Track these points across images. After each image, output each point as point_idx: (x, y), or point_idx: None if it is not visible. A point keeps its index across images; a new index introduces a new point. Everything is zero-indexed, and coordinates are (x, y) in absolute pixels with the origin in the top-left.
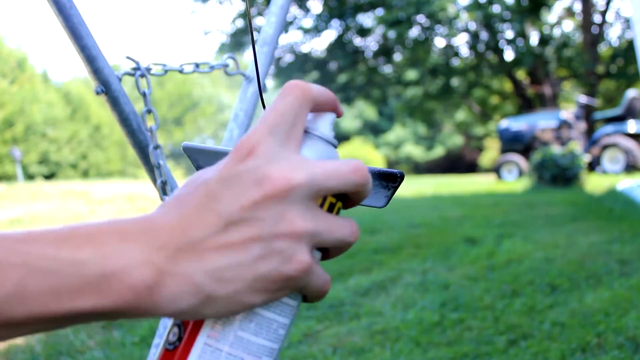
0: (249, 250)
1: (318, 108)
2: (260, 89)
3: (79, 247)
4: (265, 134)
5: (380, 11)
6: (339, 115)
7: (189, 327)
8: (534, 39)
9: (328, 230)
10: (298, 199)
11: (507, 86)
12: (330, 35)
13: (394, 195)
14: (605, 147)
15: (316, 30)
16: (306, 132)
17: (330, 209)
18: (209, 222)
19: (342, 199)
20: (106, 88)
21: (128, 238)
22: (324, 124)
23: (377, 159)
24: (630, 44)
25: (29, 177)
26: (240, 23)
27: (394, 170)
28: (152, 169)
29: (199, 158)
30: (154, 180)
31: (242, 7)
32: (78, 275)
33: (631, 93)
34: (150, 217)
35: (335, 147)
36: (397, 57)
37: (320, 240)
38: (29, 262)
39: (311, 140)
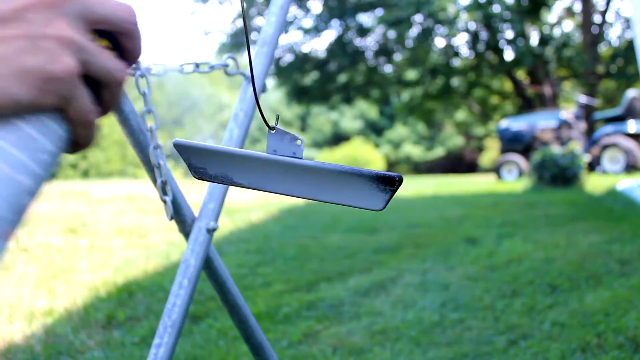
0: (14, 44)
1: None
2: (255, 88)
3: None
4: None
5: (380, 11)
6: None
7: None
8: (534, 39)
9: (97, 54)
10: (69, 13)
11: (507, 86)
12: (330, 35)
13: (394, 195)
14: (605, 147)
15: (316, 30)
16: None
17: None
18: None
19: (114, 47)
20: None
21: None
22: None
23: (377, 159)
24: (630, 44)
25: None
26: (240, 23)
27: (392, 174)
28: (152, 169)
29: (189, 155)
30: (154, 180)
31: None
32: None
33: (631, 93)
34: None
35: None
36: (397, 57)
37: (88, 61)
38: None
39: None
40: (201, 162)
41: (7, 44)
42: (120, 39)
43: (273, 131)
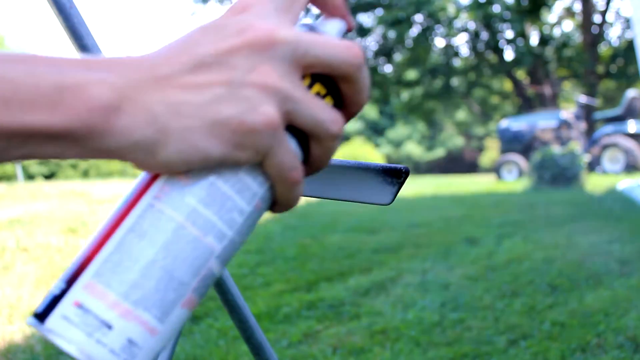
0: (213, 91)
1: (326, 7)
2: None
3: (38, 63)
4: None
5: (380, 11)
6: (349, 26)
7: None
8: (534, 39)
9: (305, 103)
10: (278, 57)
11: (507, 86)
12: None
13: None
14: (605, 147)
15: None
16: (310, 28)
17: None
18: (180, 60)
19: (332, 93)
20: None
21: (91, 65)
22: (330, 28)
23: (377, 159)
24: (630, 44)
25: (29, 177)
26: None
27: (399, 166)
28: None
29: None
30: None
31: None
32: (33, 86)
33: (631, 93)
34: (123, 56)
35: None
36: (397, 57)
37: (294, 110)
38: None
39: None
40: None
41: (204, 91)
42: (339, 84)
43: None
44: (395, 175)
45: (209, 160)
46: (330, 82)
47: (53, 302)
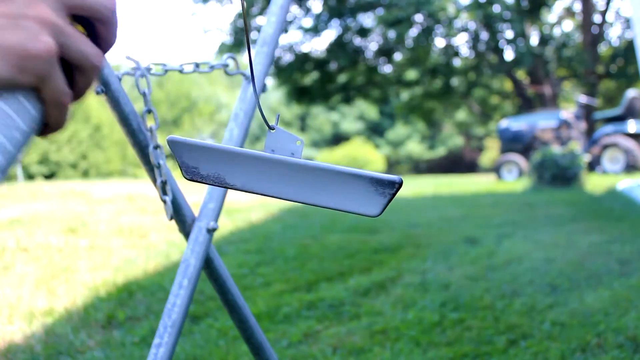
0: None
1: None
2: (255, 87)
3: None
4: None
5: (380, 11)
6: None
7: None
8: (534, 39)
9: (74, 38)
10: None
11: (507, 86)
12: (330, 35)
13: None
14: (605, 147)
15: (316, 30)
16: None
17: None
18: None
19: (90, 34)
20: (106, 88)
21: None
22: None
23: (377, 159)
24: (630, 44)
25: (29, 177)
26: (240, 23)
27: (393, 177)
28: (152, 169)
29: (183, 153)
30: (154, 180)
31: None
32: None
33: (631, 93)
34: None
35: None
36: (397, 57)
37: (65, 43)
38: None
39: None
40: (194, 161)
41: None
42: (96, 26)
43: (273, 131)
44: (387, 186)
45: None
46: (88, 24)
47: None
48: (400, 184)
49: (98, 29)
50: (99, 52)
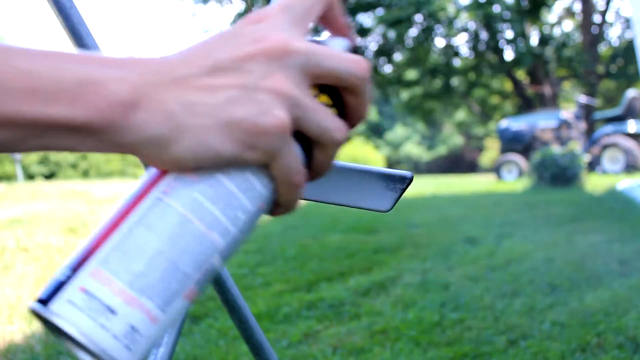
0: (227, 94)
1: (332, 23)
2: None
3: (61, 59)
4: (278, 10)
5: (380, 11)
6: (352, 44)
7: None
8: (534, 39)
9: (313, 110)
10: (291, 66)
11: (507, 86)
12: None
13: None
14: (605, 147)
15: (316, 30)
16: (320, 44)
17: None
18: (198, 63)
19: (336, 104)
20: None
21: (112, 63)
22: (337, 44)
23: (377, 159)
24: (630, 44)
25: (29, 177)
26: None
27: (403, 172)
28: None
29: None
30: None
31: (242, 7)
32: (55, 80)
33: (631, 93)
34: (143, 57)
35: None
36: (397, 57)
37: (303, 117)
38: (7, 62)
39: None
40: None
41: (219, 93)
42: (344, 95)
43: None
44: (398, 181)
45: (219, 159)
46: (335, 93)
47: (57, 288)
48: (410, 179)
49: (346, 100)
50: (342, 126)
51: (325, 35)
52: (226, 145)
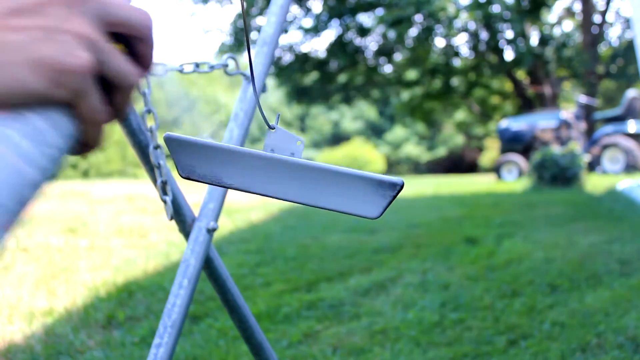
0: (31, 34)
1: None
2: (255, 87)
3: None
4: None
5: (380, 11)
6: None
7: None
8: (534, 39)
9: (112, 55)
10: (88, 12)
11: (507, 86)
12: (330, 35)
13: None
14: (605, 147)
15: (316, 30)
16: None
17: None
18: (1, 5)
19: (130, 54)
20: None
21: None
22: None
23: (377, 159)
24: (630, 44)
25: None
26: (240, 23)
27: (394, 179)
28: (152, 169)
29: (179, 151)
30: (154, 180)
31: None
32: None
33: (631, 93)
34: None
35: None
36: (397, 57)
37: (103, 60)
38: None
39: None
40: (191, 159)
41: (25, 33)
42: (134, 44)
43: (273, 130)
44: (389, 188)
45: (28, 96)
46: (126, 42)
47: None
48: (401, 186)
49: (137, 47)
50: (136, 70)
51: None
52: (34, 82)
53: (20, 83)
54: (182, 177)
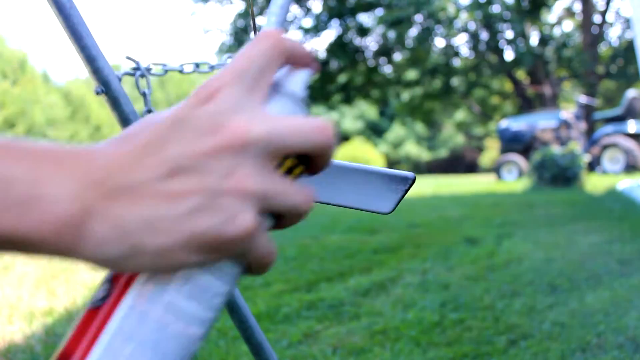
0: (189, 202)
1: (291, 61)
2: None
3: (12, 161)
4: (231, 78)
5: (380, 11)
6: (313, 71)
7: (118, 283)
8: (534, 39)
9: (280, 194)
10: (253, 155)
11: (507, 86)
12: (330, 35)
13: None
14: (605, 147)
15: (316, 30)
16: (275, 87)
17: (289, 172)
18: (153, 164)
19: (303, 162)
20: (106, 88)
21: (64, 164)
22: (296, 82)
23: (377, 159)
24: (630, 44)
25: None
26: (240, 23)
27: (405, 173)
28: None
29: None
30: None
31: (242, 7)
32: (4, 191)
33: (631, 93)
34: (93, 148)
35: (304, 106)
36: (397, 57)
37: (270, 205)
38: None
39: (280, 97)
40: None
41: (180, 201)
42: (313, 159)
43: None
44: (401, 182)
45: (187, 266)
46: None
47: None
48: (413, 180)
49: (314, 162)
50: (309, 195)
51: (284, 70)
52: (191, 257)
53: (176, 262)
54: None
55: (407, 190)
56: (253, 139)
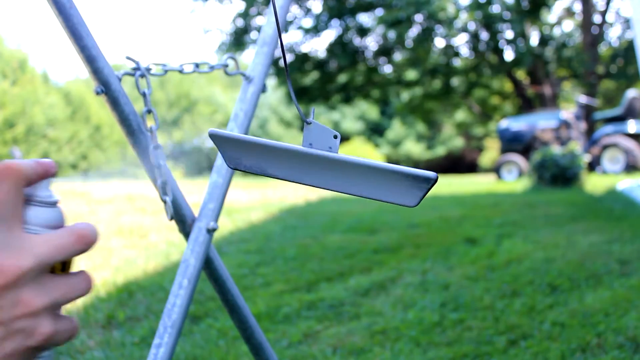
0: None
1: (34, 180)
2: (290, 83)
3: None
4: None
5: (380, 11)
6: (53, 175)
7: None
8: (534, 39)
9: (64, 295)
10: (30, 280)
11: (507, 86)
12: (330, 35)
13: None
14: (605, 147)
15: (316, 30)
16: (29, 199)
17: (63, 268)
18: None
19: (65, 263)
20: (106, 88)
21: None
22: (42, 189)
23: (377, 159)
24: (630, 44)
25: None
26: (240, 22)
27: (428, 173)
28: (152, 169)
29: (224, 145)
30: (154, 180)
31: (242, 6)
32: None
33: (631, 93)
34: None
35: (55, 204)
36: (397, 57)
37: (61, 303)
38: None
39: (34, 208)
40: (236, 152)
41: None
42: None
43: (309, 125)
44: (423, 181)
45: None
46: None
47: None
48: (435, 180)
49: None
50: (86, 283)
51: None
52: None
53: None
54: (230, 167)
55: (430, 188)
56: (25, 271)
